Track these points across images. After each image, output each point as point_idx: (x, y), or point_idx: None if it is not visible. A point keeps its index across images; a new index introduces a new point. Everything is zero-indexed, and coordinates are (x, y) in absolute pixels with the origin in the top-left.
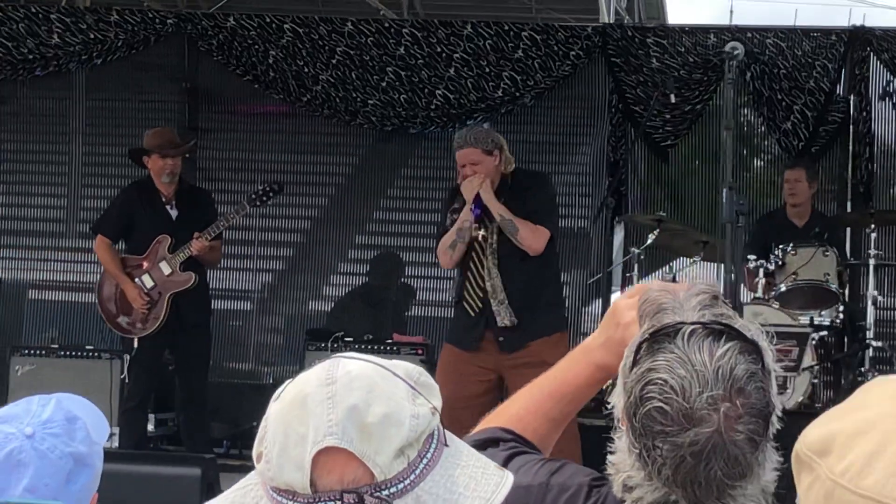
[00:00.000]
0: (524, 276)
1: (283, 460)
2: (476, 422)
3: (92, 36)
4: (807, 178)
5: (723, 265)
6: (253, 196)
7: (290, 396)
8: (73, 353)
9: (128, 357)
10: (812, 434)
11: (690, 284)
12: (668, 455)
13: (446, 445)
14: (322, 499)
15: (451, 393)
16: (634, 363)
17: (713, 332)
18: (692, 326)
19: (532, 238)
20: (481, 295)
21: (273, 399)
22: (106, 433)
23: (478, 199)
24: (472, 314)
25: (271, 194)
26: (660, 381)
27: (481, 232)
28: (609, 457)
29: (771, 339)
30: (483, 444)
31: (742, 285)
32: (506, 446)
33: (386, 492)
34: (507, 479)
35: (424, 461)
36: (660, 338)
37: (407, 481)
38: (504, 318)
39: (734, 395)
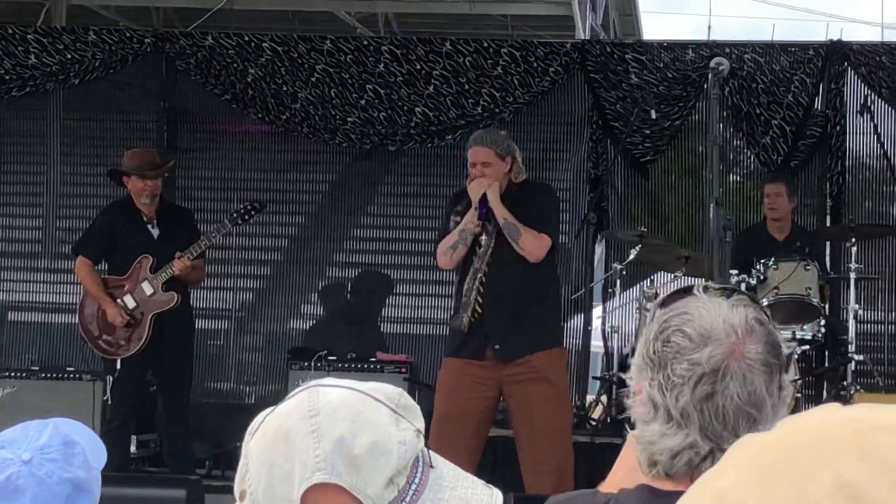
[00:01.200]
0: (523, 284)
1: (271, 498)
2: (473, 438)
3: (69, 56)
4: (787, 192)
5: (705, 280)
6: (234, 214)
7: (271, 431)
8: (55, 375)
9: (110, 378)
10: (708, 497)
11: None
12: (686, 374)
13: (432, 467)
14: None
15: (449, 408)
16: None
17: (725, 290)
18: (706, 284)
19: (534, 245)
20: (480, 301)
21: (250, 432)
22: (104, 458)
23: (483, 201)
24: (473, 320)
25: (253, 213)
26: (681, 313)
27: (483, 236)
28: (633, 435)
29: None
30: None
31: None
32: None
33: None
34: (496, 498)
35: (413, 487)
36: (678, 295)
37: None
38: (461, 322)
39: (752, 325)
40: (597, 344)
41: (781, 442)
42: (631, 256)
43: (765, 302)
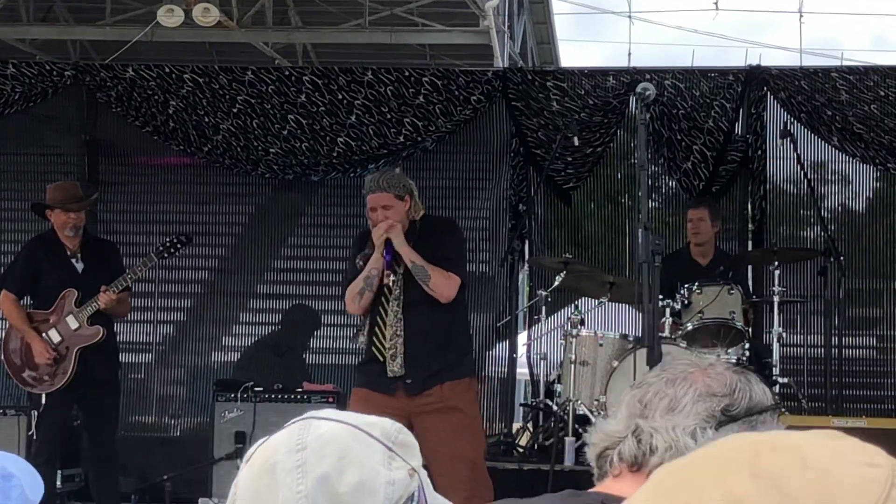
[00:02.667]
0: (433, 323)
1: None
2: None
3: None
4: (710, 216)
5: (631, 306)
6: (161, 248)
7: (259, 462)
8: None
9: (35, 413)
10: None
11: None
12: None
13: None
14: None
15: None
16: None
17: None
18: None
19: (444, 286)
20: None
21: (244, 461)
22: (41, 491)
23: (388, 245)
24: (381, 360)
25: (179, 246)
26: None
27: (392, 277)
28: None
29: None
30: None
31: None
32: None
33: None
34: None
35: None
36: None
37: None
38: (392, 368)
39: (727, 369)
40: (522, 371)
41: (685, 464)
42: (556, 283)
43: (689, 326)
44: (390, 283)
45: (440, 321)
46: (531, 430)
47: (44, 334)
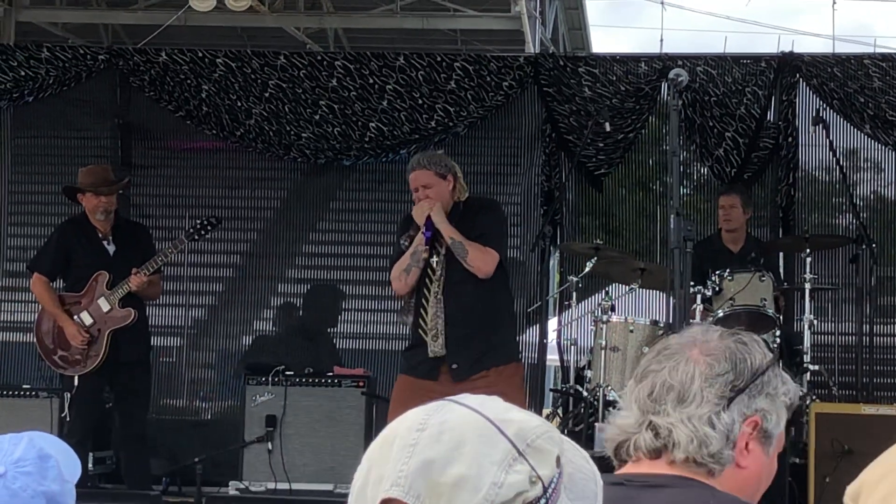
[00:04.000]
0: (476, 302)
1: (360, 497)
2: None
3: (23, 73)
4: (741, 203)
5: (662, 292)
6: (191, 230)
7: (387, 431)
8: (10, 393)
9: (68, 395)
10: (851, 485)
11: None
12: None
13: None
14: None
15: None
16: None
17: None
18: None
19: (481, 260)
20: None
21: None
22: (78, 472)
23: (429, 223)
24: (425, 342)
25: (209, 228)
26: None
27: (435, 258)
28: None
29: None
30: None
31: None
32: None
33: None
34: None
35: None
36: None
37: None
38: (433, 348)
39: (721, 336)
40: (552, 357)
41: None
42: (587, 269)
43: (720, 313)
44: (433, 264)
45: (483, 301)
46: (561, 415)
47: (75, 317)
